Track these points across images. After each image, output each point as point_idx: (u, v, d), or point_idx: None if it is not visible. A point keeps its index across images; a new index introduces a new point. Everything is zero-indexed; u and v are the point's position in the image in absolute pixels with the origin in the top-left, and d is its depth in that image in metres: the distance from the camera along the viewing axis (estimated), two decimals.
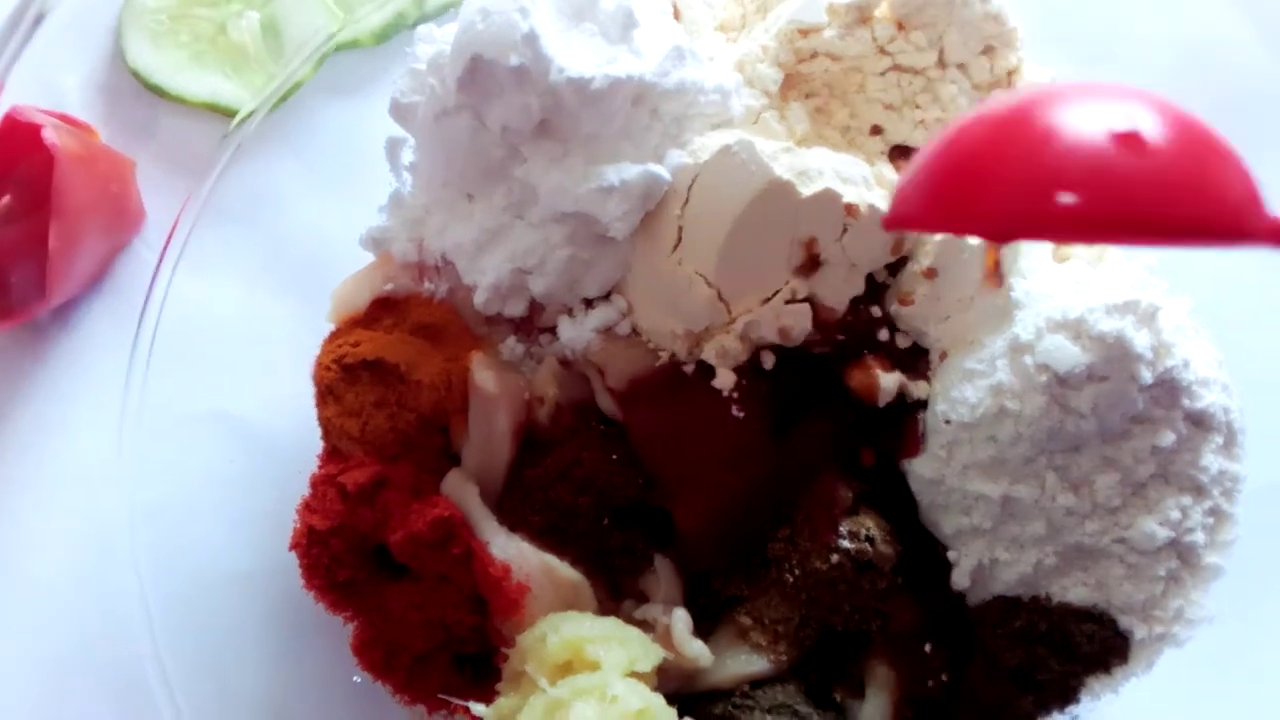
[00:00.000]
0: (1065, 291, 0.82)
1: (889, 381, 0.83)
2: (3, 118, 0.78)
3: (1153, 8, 1.07)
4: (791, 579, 0.84)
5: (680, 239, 0.82)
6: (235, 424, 0.92)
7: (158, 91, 0.97)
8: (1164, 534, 0.81)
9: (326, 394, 0.86)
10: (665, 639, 0.83)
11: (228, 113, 1.00)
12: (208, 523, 0.89)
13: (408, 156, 0.90)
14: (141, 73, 0.96)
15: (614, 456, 0.84)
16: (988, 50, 0.87)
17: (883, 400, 0.84)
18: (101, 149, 0.89)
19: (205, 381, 0.91)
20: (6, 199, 0.72)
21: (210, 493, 0.90)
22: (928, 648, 0.86)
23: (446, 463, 0.87)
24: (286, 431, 0.91)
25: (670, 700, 0.79)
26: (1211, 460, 0.81)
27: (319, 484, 0.85)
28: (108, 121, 0.91)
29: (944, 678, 0.87)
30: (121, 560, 0.80)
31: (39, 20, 0.68)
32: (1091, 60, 0.99)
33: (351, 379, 0.85)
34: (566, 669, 0.79)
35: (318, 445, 0.88)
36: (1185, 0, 1.08)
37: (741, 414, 0.83)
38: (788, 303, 0.82)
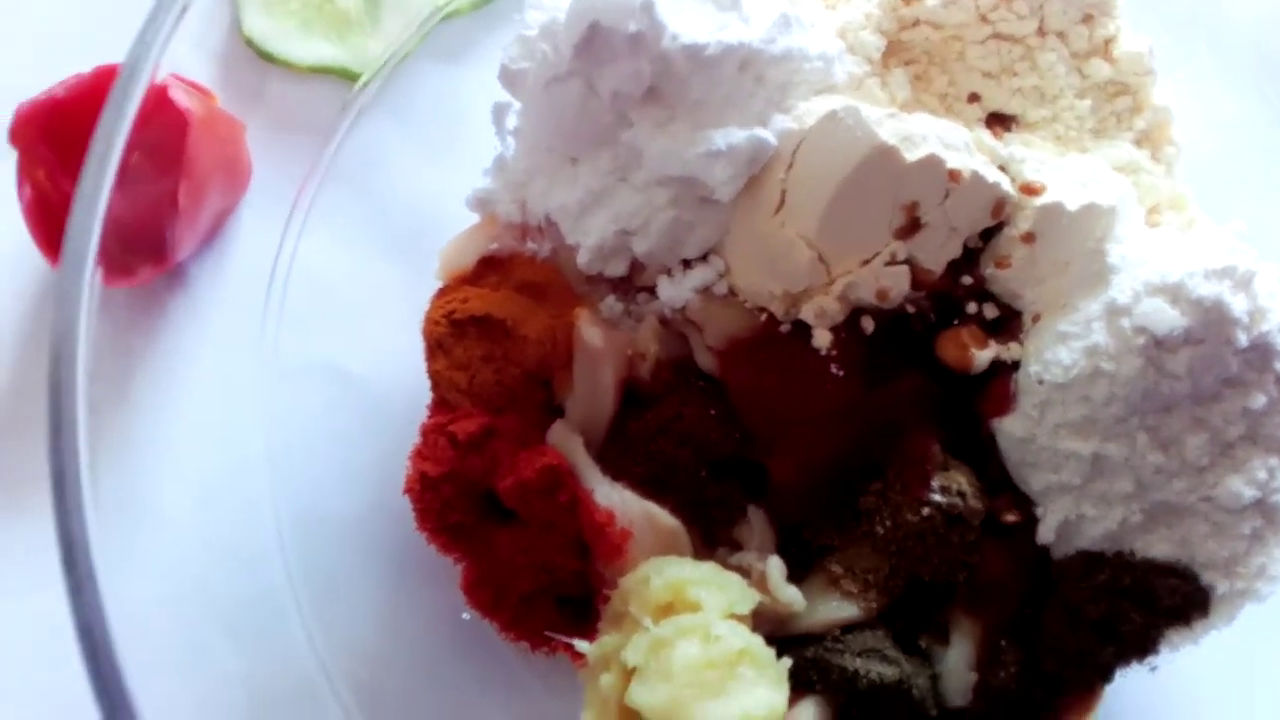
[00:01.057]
0: (1160, 256, 0.84)
1: (983, 358, 0.86)
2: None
3: None
4: (882, 531, 0.87)
5: (783, 202, 0.84)
6: (345, 377, 0.96)
7: (267, 58, 1.01)
8: (1250, 493, 0.83)
9: (436, 348, 0.90)
10: (760, 584, 0.87)
11: (334, 74, 1.03)
12: (320, 468, 0.93)
13: (512, 121, 0.93)
14: (255, 40, 1.00)
15: (712, 412, 0.88)
16: (1086, 18, 0.88)
17: (975, 372, 0.86)
18: (220, 113, 0.93)
19: (317, 337, 0.95)
20: (135, 158, 0.75)
21: (323, 441, 0.94)
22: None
23: (549, 415, 0.90)
24: (392, 384, 0.95)
25: (765, 642, 0.83)
26: None
27: (429, 433, 0.89)
28: (222, 87, 0.95)
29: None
30: (246, 501, 0.85)
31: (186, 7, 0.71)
32: (1183, 23, 0.99)
33: (460, 334, 0.89)
34: (668, 610, 0.83)
35: (422, 398, 0.92)
36: None
37: (840, 373, 0.85)
38: (887, 265, 0.84)
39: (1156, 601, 0.86)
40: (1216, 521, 0.85)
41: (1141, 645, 0.87)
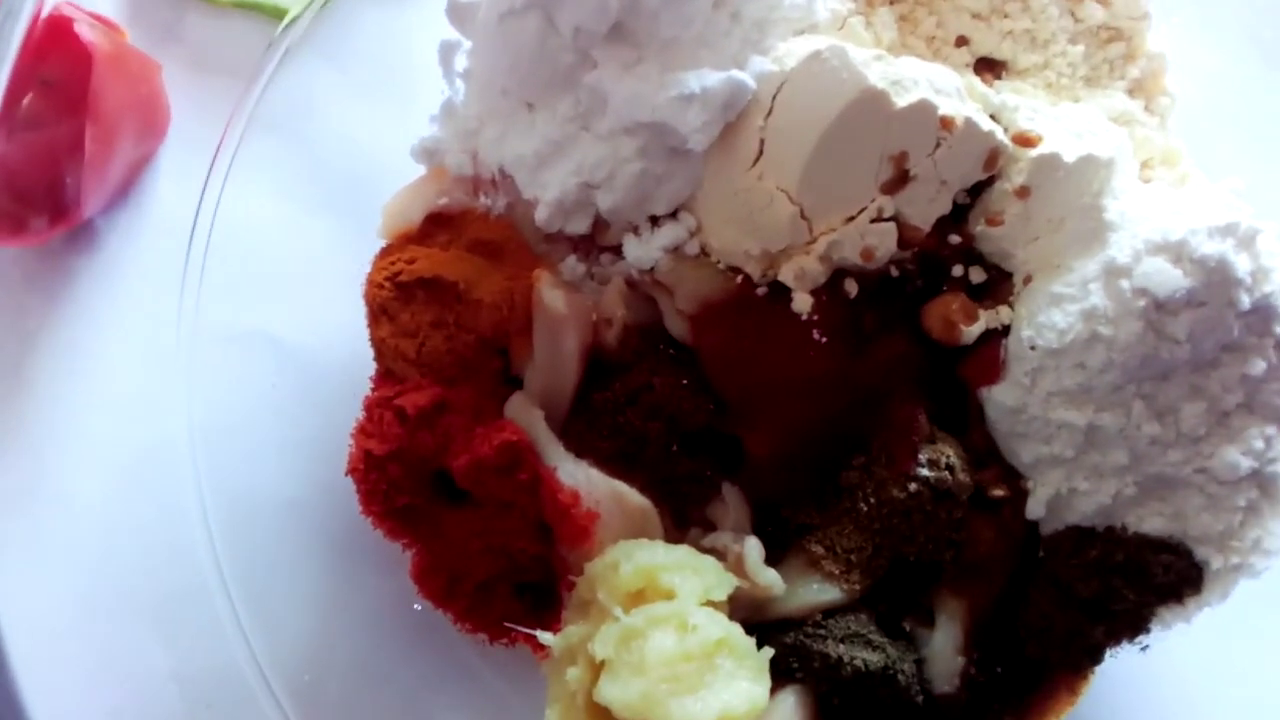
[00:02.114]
0: (1159, 213, 0.79)
1: (971, 333, 0.80)
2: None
3: None
4: (866, 508, 0.82)
5: (761, 152, 0.77)
6: (277, 345, 0.88)
7: None
8: (1246, 464, 0.79)
9: (380, 313, 0.82)
10: (736, 567, 0.81)
11: (257, 9, 0.94)
12: (251, 447, 0.85)
13: (461, 62, 0.84)
14: None
15: (684, 381, 0.81)
16: None
17: (963, 343, 0.81)
18: (131, 50, 0.83)
19: (246, 302, 0.86)
20: (30, 98, 0.66)
21: (253, 416, 0.86)
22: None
23: (505, 386, 0.83)
24: (330, 354, 0.87)
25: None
26: None
27: (374, 407, 0.81)
28: (133, 23, 0.85)
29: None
30: (168, 484, 0.76)
31: None
32: None
33: (407, 298, 0.81)
34: (639, 598, 0.77)
35: (363, 368, 0.84)
36: None
37: (821, 339, 0.79)
38: (872, 221, 0.78)
39: (1150, 578, 0.82)
40: (1211, 494, 0.81)
41: (1133, 624, 0.84)
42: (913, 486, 0.80)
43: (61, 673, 0.59)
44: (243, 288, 0.86)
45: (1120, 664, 0.85)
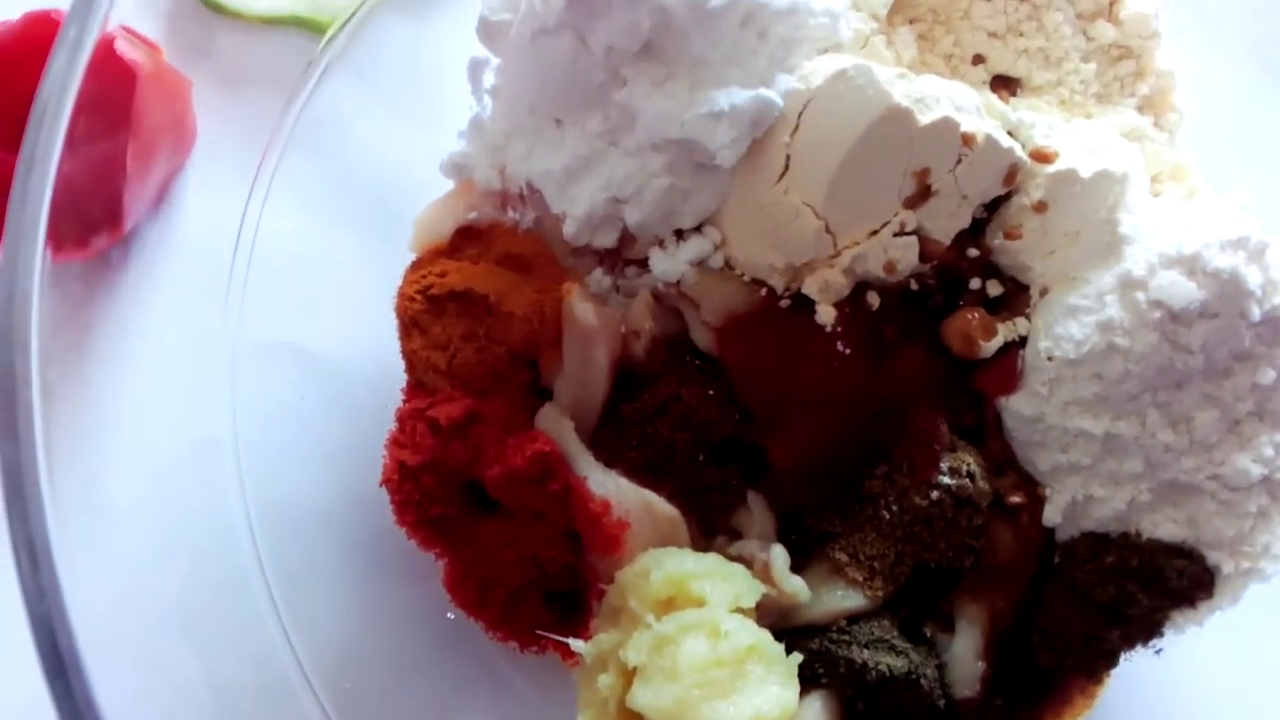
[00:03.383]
0: (1172, 227, 0.81)
1: (989, 349, 0.82)
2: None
3: None
4: (888, 515, 0.83)
5: (787, 167, 0.79)
6: (309, 357, 0.88)
7: (217, 8, 0.92)
8: (1257, 471, 0.81)
9: (411, 326, 0.83)
10: (763, 575, 0.82)
11: (289, 23, 0.95)
12: (285, 458, 0.86)
13: (490, 79, 0.86)
14: None
15: (710, 392, 0.83)
16: None
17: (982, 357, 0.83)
18: (167, 68, 0.84)
19: (279, 315, 0.87)
20: (82, 115, 0.66)
21: (287, 428, 0.87)
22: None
23: (535, 398, 0.85)
24: (363, 366, 0.88)
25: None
26: None
27: (407, 419, 0.82)
28: (168, 40, 0.86)
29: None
30: (216, 494, 0.77)
31: None
32: None
33: (438, 310, 0.82)
34: (669, 605, 0.78)
35: (395, 379, 0.85)
36: None
37: (845, 350, 0.81)
38: (895, 235, 0.80)
39: (1164, 583, 0.84)
40: (1223, 500, 0.83)
41: (1148, 628, 0.85)
42: (934, 494, 0.82)
43: (113, 680, 0.59)
44: (276, 300, 0.86)
45: (1134, 667, 0.87)
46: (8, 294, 0.57)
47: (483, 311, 0.82)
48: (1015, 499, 0.85)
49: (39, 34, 0.79)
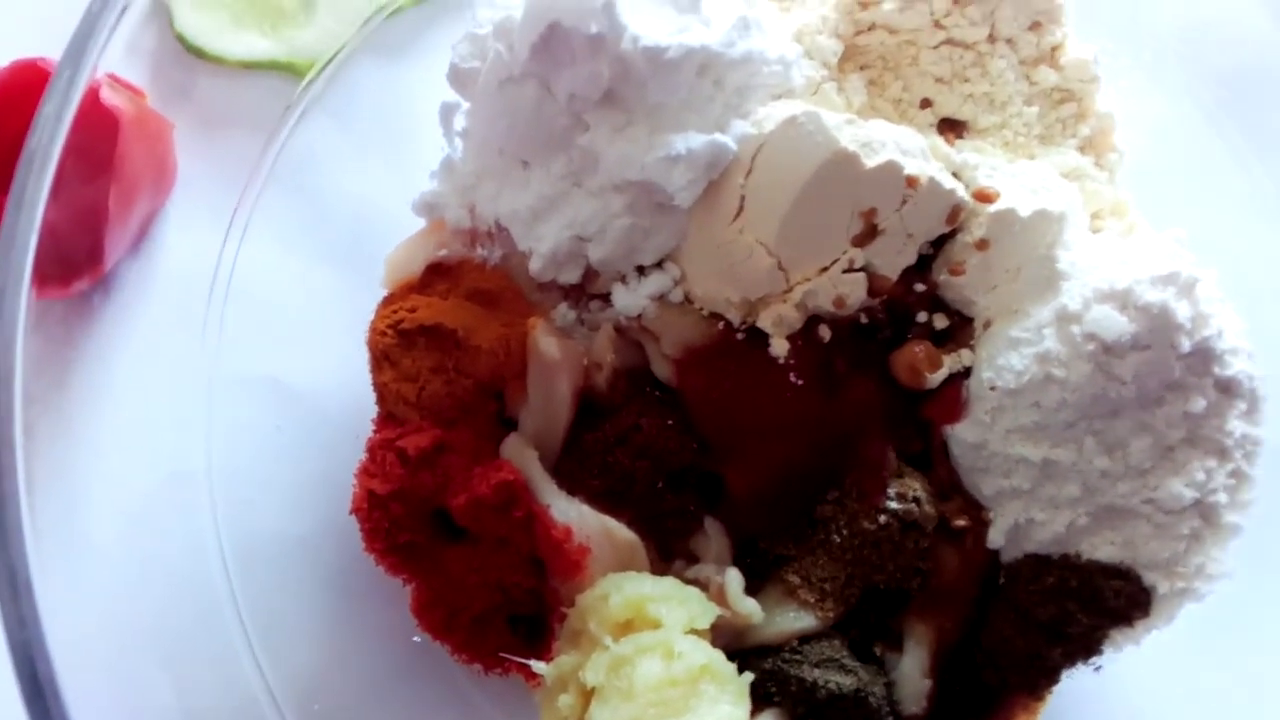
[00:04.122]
0: (1107, 263, 0.85)
1: (934, 380, 0.86)
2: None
3: None
4: (839, 539, 0.87)
5: (742, 208, 0.83)
6: (284, 389, 0.91)
7: (198, 53, 0.95)
8: (1190, 495, 0.85)
9: (382, 359, 0.86)
10: (718, 597, 0.86)
11: (265, 68, 0.99)
12: (259, 487, 0.89)
13: (460, 122, 0.89)
14: (186, 36, 0.95)
15: (669, 422, 0.86)
16: (1035, 25, 0.89)
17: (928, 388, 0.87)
18: (150, 111, 0.87)
19: (254, 349, 0.90)
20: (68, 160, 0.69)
21: (261, 458, 0.90)
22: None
23: (500, 427, 0.88)
24: (335, 397, 0.91)
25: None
26: (1236, 425, 0.86)
27: (377, 449, 0.85)
28: (151, 85, 0.90)
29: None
30: (191, 524, 0.80)
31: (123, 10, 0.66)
32: (1110, 36, 1.01)
33: (408, 344, 0.86)
34: (628, 627, 0.81)
35: (366, 411, 0.88)
36: None
37: (798, 381, 0.85)
38: (844, 272, 0.84)
39: (1103, 602, 0.87)
40: (1158, 523, 0.87)
41: (1087, 646, 0.89)
42: (882, 519, 0.86)
43: (90, 708, 0.62)
44: (251, 335, 0.90)
45: (1075, 684, 0.91)
46: None
47: (451, 345, 0.85)
48: (960, 522, 0.89)
49: (26, 81, 0.82)
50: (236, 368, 0.88)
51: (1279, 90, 1.03)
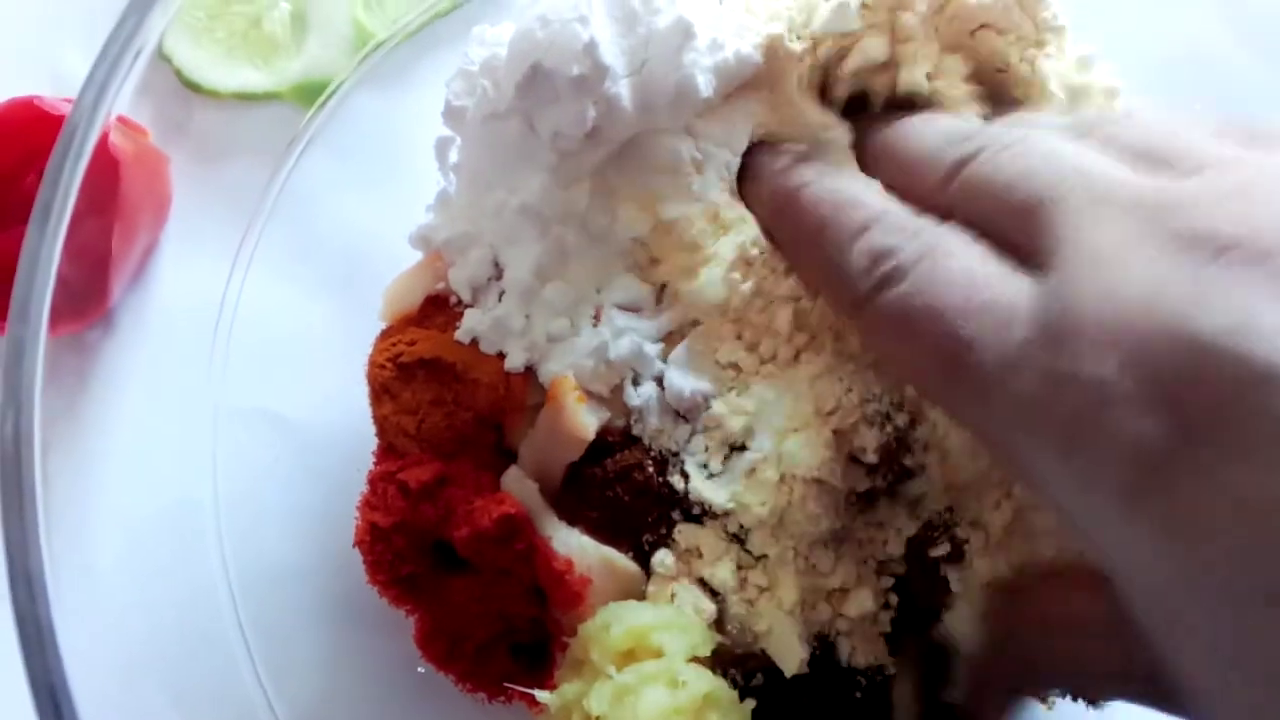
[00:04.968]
0: None
1: None
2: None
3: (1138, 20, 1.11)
4: None
5: None
6: (283, 422, 0.92)
7: (193, 87, 0.97)
8: None
9: (382, 392, 0.87)
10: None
11: (255, 98, 1.00)
12: (260, 520, 0.89)
13: (454, 156, 0.90)
14: (184, 70, 0.97)
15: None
16: None
17: None
18: (149, 148, 0.88)
19: (253, 382, 0.91)
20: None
21: (262, 490, 0.90)
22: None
23: (499, 459, 0.89)
24: (334, 430, 0.92)
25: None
26: None
27: (377, 481, 0.86)
28: (153, 122, 0.91)
29: None
30: (198, 559, 0.80)
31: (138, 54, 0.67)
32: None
33: (408, 377, 0.86)
34: (630, 656, 0.82)
35: (362, 443, 0.89)
36: (1168, 13, 1.13)
37: None
38: None
39: None
40: None
41: None
42: None
43: None
44: (250, 368, 0.90)
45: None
46: (13, 383, 0.61)
47: (450, 378, 0.86)
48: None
49: (20, 117, 0.83)
50: (240, 399, 0.89)
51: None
